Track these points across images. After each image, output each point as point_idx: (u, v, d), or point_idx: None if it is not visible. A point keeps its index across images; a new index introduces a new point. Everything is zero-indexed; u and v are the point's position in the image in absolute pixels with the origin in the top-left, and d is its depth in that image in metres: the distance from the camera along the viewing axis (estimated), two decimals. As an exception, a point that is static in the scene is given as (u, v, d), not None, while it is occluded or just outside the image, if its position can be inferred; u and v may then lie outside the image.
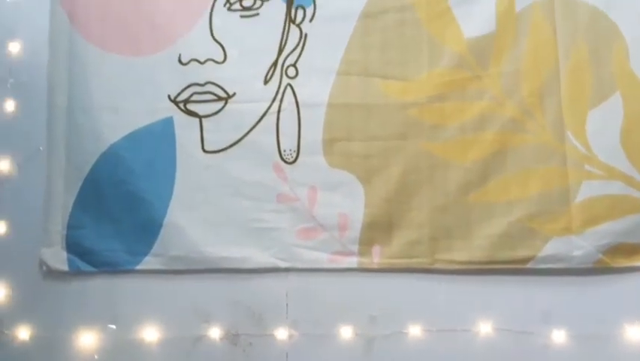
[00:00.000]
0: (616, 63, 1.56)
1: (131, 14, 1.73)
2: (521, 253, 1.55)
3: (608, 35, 1.56)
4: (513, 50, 1.61)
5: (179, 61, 1.70)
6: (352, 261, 1.62)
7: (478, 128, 1.60)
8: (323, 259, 1.63)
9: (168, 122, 1.71)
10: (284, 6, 1.70)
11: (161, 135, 1.71)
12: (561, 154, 1.56)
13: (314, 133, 1.66)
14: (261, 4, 1.71)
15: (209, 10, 1.72)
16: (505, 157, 1.59)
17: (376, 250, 1.62)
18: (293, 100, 1.68)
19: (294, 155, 1.67)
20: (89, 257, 1.70)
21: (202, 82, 1.70)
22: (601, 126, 1.55)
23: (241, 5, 1.71)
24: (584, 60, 1.56)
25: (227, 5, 1.72)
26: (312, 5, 1.69)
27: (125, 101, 1.72)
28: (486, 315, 1.56)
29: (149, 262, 1.67)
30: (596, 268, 1.53)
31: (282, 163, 1.67)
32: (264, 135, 1.68)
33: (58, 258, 1.70)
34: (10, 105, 1.76)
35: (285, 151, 1.67)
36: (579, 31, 1.58)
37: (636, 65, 1.56)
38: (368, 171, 1.64)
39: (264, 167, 1.67)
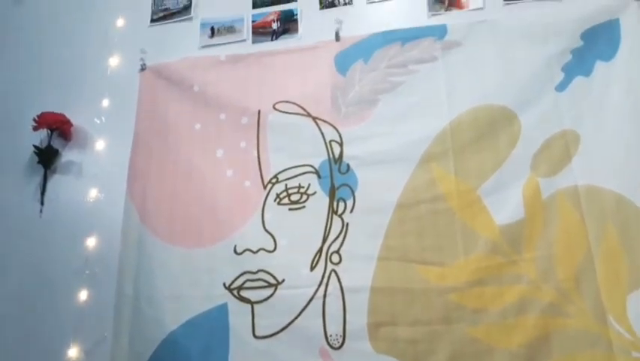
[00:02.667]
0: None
1: (195, 210, 1.96)
2: None
3: (636, 221, 1.64)
4: (544, 235, 1.70)
5: (235, 251, 1.88)
6: None
7: (519, 312, 1.64)
8: None
9: (223, 309, 1.84)
10: (327, 200, 1.90)
11: (216, 321, 1.83)
12: (606, 340, 1.56)
13: (359, 318, 1.74)
14: (307, 198, 1.92)
15: (261, 205, 1.93)
16: (549, 342, 1.60)
17: None
18: (337, 285, 1.79)
19: (340, 340, 1.74)
20: None
21: (254, 270, 1.85)
22: (642, 311, 1.56)
23: (289, 200, 1.93)
24: (615, 245, 1.63)
25: (277, 200, 1.93)
26: (352, 198, 1.88)
27: (186, 289, 1.88)
28: None
29: None
30: None
31: (329, 348, 1.73)
32: (311, 320, 1.77)
33: None
34: (83, 295, 1.95)
35: (331, 336, 1.75)
36: (607, 217, 1.66)
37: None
38: (415, 357, 1.67)
39: (311, 352, 1.74)
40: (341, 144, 1.95)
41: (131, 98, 2.17)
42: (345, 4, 2.14)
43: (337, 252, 1.83)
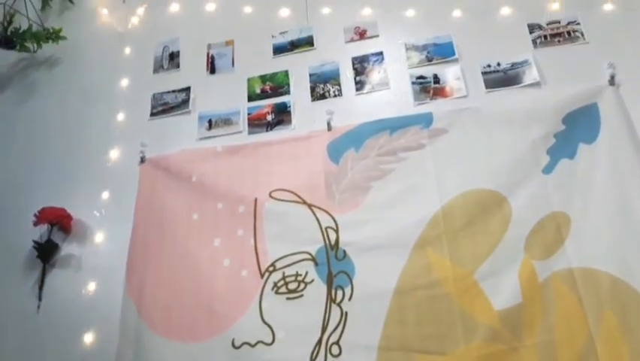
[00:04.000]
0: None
1: (192, 303, 1.95)
2: None
3: (633, 303, 1.64)
4: (544, 319, 1.69)
5: (233, 345, 1.85)
6: None
7: (524, 400, 1.61)
8: None
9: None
10: (325, 287, 1.90)
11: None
12: None
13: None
14: (305, 286, 1.92)
15: (259, 295, 1.93)
16: None
17: None
18: (339, 379, 1.77)
19: None
20: None
21: (253, 363, 1.83)
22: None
23: (287, 288, 1.93)
24: (614, 329, 1.62)
25: (275, 289, 1.93)
26: (350, 286, 1.88)
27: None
28: None
29: None
30: None
31: None
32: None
33: None
34: (80, 395, 1.91)
35: None
36: (604, 300, 1.66)
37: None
38: None
39: None
40: (337, 231, 1.98)
41: (130, 190, 2.22)
42: (334, 95, 2.25)
43: (337, 343, 1.81)
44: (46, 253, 2.18)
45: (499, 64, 2.09)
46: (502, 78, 2.07)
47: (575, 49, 2.08)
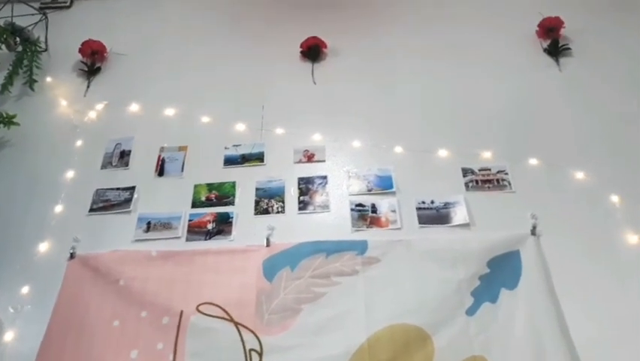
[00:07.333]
0: None
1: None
2: None
3: None
4: None
5: None
6: None
7: None
8: None
9: None
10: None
11: None
12: None
13: None
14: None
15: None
16: None
17: None
18: None
19: None
20: None
21: None
22: None
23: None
24: None
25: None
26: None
27: None
28: None
29: None
30: None
31: None
32: None
33: None
34: None
35: None
36: None
37: None
38: None
39: None
40: (260, 354, 1.92)
41: (54, 288, 2.12)
42: (277, 212, 2.30)
43: None
44: (-55, 348, 2.01)
45: (432, 201, 2.22)
46: (434, 215, 2.19)
47: (503, 196, 2.24)
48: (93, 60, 2.88)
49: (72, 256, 2.21)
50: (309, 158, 2.46)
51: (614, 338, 1.87)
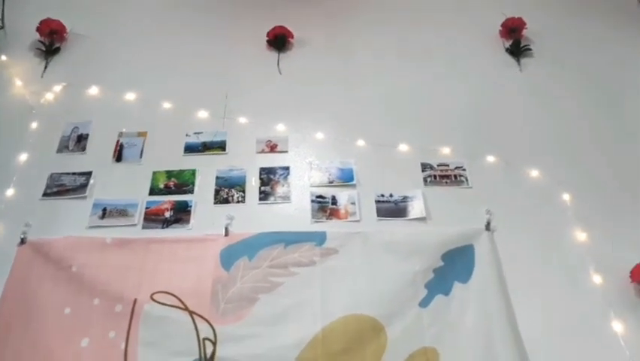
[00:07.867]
0: None
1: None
2: None
3: None
4: None
5: None
6: None
7: None
8: None
9: None
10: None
11: None
12: None
13: None
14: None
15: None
16: None
17: None
18: None
19: None
20: None
21: None
22: None
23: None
24: None
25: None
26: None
27: None
28: None
29: None
30: None
31: None
32: None
33: None
34: None
35: None
36: None
37: None
38: None
39: None
40: (214, 343, 1.91)
41: (1, 274, 2.05)
42: (238, 201, 2.29)
43: None
44: None
45: (391, 195, 2.24)
46: (392, 209, 2.22)
47: (460, 192, 2.28)
48: (52, 40, 2.78)
49: (23, 241, 2.13)
50: (272, 148, 2.45)
51: (561, 332, 1.94)
